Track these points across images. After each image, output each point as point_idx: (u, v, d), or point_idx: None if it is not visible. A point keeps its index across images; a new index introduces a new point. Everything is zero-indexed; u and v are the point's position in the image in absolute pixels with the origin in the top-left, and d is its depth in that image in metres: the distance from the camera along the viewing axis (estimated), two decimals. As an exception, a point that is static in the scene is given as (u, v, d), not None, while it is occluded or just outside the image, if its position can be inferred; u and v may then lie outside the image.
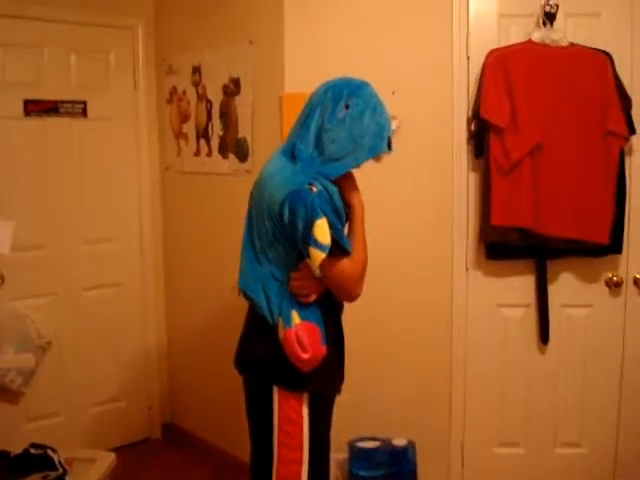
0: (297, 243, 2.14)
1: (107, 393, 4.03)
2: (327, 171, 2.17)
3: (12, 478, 2.63)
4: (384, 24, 3.16)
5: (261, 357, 2.30)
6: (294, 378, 2.23)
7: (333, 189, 2.17)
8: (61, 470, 2.75)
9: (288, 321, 2.20)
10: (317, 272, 2.13)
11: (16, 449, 2.90)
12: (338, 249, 2.12)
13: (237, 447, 3.70)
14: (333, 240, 2.09)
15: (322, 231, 2.06)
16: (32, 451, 2.84)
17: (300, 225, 2.08)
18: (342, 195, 2.23)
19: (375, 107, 2.20)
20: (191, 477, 3.76)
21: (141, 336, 4.15)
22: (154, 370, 4.21)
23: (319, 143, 2.18)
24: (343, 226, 2.21)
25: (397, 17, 3.16)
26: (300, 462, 2.29)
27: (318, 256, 2.08)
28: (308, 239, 2.08)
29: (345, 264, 2.16)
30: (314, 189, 2.09)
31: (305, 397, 2.27)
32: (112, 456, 3.00)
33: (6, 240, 2.93)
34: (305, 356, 2.17)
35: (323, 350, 2.22)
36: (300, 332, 2.18)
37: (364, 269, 2.24)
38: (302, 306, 2.22)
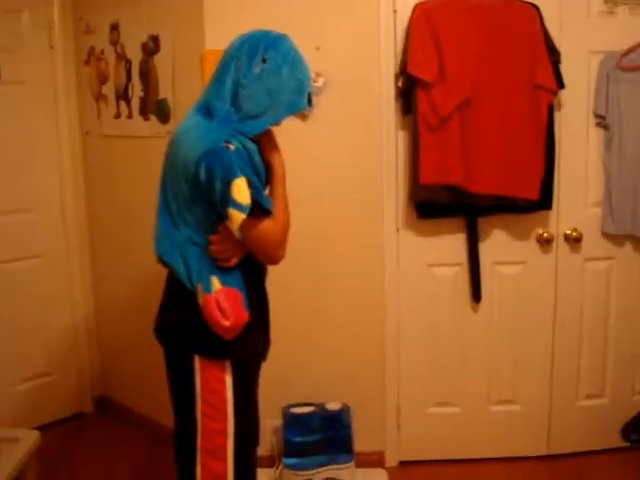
0: (215, 204, 2.04)
1: (34, 368, 3.88)
2: (245, 129, 2.06)
3: None
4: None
5: (180, 325, 2.21)
6: (215, 346, 2.14)
7: (252, 147, 2.07)
8: (-22, 450, 2.63)
9: (208, 287, 2.10)
10: (237, 234, 2.04)
11: None
12: (259, 209, 2.03)
13: (172, 418, 3.62)
14: (253, 200, 2.00)
15: (241, 191, 1.97)
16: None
17: (218, 185, 1.97)
18: (262, 154, 2.14)
19: (294, 62, 2.10)
20: (126, 450, 3.66)
21: (68, 308, 3.99)
22: (83, 342, 4.07)
23: (235, 99, 2.07)
24: (263, 186, 2.12)
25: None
26: (225, 433, 2.21)
27: (237, 217, 1.98)
28: (226, 200, 1.98)
29: (266, 225, 2.07)
30: (231, 147, 1.99)
31: (228, 365, 2.18)
32: (36, 434, 2.86)
33: None
34: (227, 323, 2.08)
35: (245, 316, 2.13)
36: (221, 298, 2.09)
37: (286, 230, 2.16)
38: (223, 271, 2.12)
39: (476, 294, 3.22)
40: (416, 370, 3.31)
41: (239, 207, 1.97)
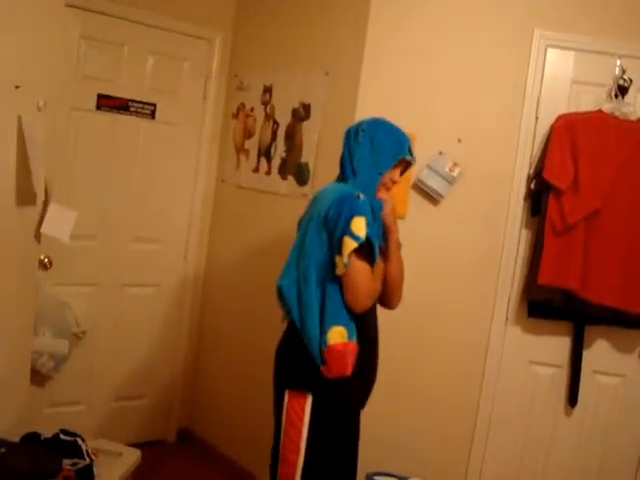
0: (332, 243, 2.34)
1: (130, 390, 4.09)
2: (364, 186, 2.44)
3: (58, 458, 2.68)
4: (461, 72, 3.25)
5: (278, 358, 2.55)
6: (300, 378, 2.43)
7: (376, 204, 2.44)
8: (88, 460, 2.78)
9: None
10: (345, 262, 2.30)
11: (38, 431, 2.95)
12: (368, 248, 2.33)
13: (249, 461, 3.75)
14: (367, 238, 2.30)
15: (360, 225, 2.29)
16: (62, 437, 2.87)
17: (342, 220, 2.30)
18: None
19: (387, 126, 2.54)
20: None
21: (173, 339, 4.21)
22: (180, 374, 4.26)
23: (353, 167, 2.49)
24: (376, 242, 2.38)
25: (474, 68, 3.24)
26: (295, 465, 2.44)
27: (350, 245, 2.28)
28: (346, 230, 2.29)
29: (365, 268, 2.35)
30: (361, 196, 2.35)
31: (309, 400, 2.41)
32: (138, 453, 3.03)
33: (67, 228, 2.98)
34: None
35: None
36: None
37: (372, 292, 2.43)
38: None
39: (572, 398, 3.27)
40: (500, 461, 3.35)
41: (354, 237, 2.28)
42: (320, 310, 2.38)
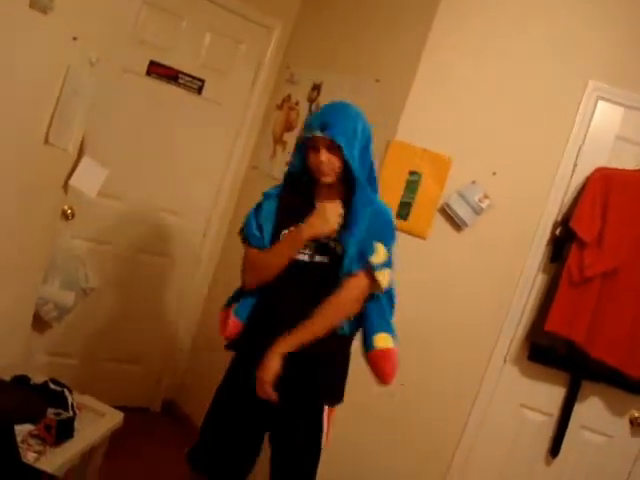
0: None
1: (124, 353, 4.13)
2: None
3: (44, 404, 2.73)
4: (509, 107, 3.24)
5: None
6: None
7: (271, 193, 2.70)
8: (72, 413, 2.82)
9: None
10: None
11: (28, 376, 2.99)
12: (244, 238, 2.61)
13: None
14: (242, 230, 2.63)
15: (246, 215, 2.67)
16: (51, 386, 2.92)
17: None
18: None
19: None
20: (175, 461, 3.81)
21: (176, 312, 4.24)
22: (176, 348, 4.30)
23: None
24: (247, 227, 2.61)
25: (523, 106, 3.24)
26: None
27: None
28: None
29: (245, 249, 2.60)
30: (264, 191, 2.75)
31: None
32: (120, 416, 3.06)
33: (96, 185, 3.03)
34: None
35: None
36: None
37: (247, 270, 2.59)
38: None
39: (555, 449, 3.26)
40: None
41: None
42: None
